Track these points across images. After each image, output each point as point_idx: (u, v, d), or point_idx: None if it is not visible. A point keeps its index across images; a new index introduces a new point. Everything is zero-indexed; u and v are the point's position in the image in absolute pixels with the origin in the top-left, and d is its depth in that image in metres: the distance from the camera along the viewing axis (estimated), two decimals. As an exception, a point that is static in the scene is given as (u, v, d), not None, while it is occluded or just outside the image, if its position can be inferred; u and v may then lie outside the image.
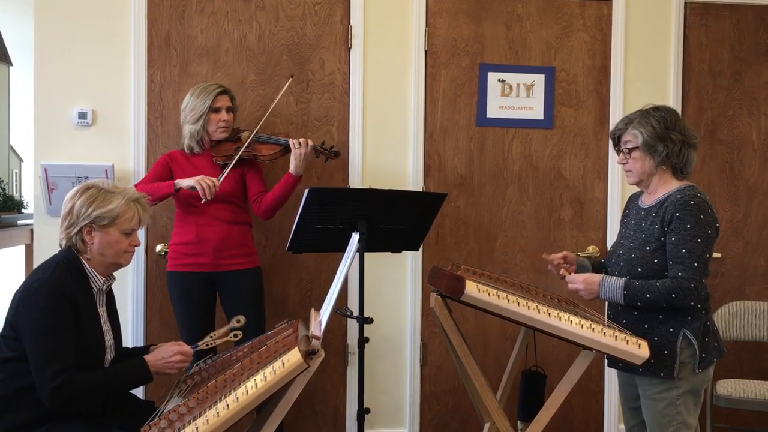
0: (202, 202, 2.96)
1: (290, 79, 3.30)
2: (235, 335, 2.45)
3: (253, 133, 3.16)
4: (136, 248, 2.41)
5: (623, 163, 2.56)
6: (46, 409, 2.15)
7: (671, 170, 2.50)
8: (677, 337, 2.40)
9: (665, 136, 2.45)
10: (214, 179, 2.96)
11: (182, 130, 3.19)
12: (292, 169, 3.10)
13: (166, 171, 3.16)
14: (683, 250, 2.35)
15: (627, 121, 2.53)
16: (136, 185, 3.10)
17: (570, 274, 2.57)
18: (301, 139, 3.10)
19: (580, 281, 2.49)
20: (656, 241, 2.43)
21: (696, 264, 2.35)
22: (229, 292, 3.13)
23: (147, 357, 2.30)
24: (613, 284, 2.43)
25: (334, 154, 3.22)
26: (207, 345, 2.42)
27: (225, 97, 3.16)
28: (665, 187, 2.50)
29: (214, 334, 2.43)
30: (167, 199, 3.16)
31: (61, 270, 2.24)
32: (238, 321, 2.45)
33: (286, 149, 3.13)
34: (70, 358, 2.15)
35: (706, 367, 2.44)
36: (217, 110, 3.12)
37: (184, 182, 2.98)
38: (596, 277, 2.48)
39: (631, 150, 2.51)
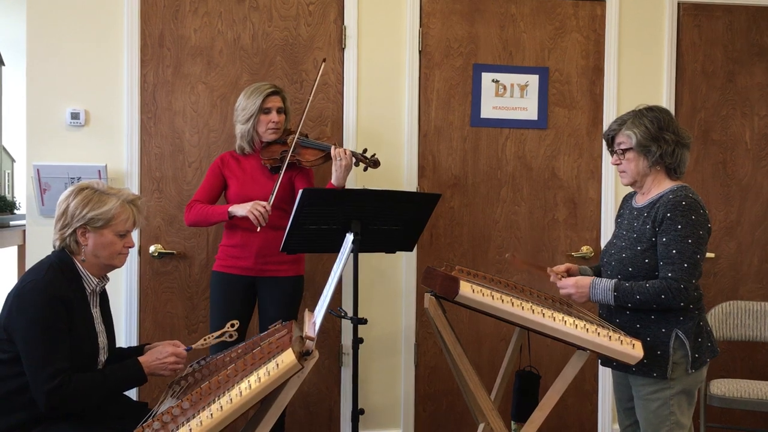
0: (258, 230, 2.94)
1: (323, 63, 3.22)
2: (230, 336, 2.45)
3: (296, 135, 3.09)
4: (130, 250, 2.41)
5: (617, 164, 2.56)
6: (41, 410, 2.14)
7: (665, 170, 2.51)
8: (670, 337, 2.40)
9: (659, 136, 2.45)
10: (265, 204, 2.94)
11: (234, 130, 3.17)
12: (333, 179, 3.06)
13: (219, 179, 3.15)
14: (673, 251, 2.36)
15: (620, 122, 2.53)
16: (192, 201, 3.10)
17: (550, 278, 2.58)
18: (341, 150, 3.03)
19: (570, 285, 2.50)
20: (647, 242, 2.43)
21: (686, 265, 2.35)
22: (267, 298, 3.11)
23: (141, 358, 2.30)
24: (604, 286, 2.43)
25: (373, 162, 3.13)
26: (201, 346, 2.41)
27: (276, 97, 3.12)
28: (659, 187, 2.51)
29: (209, 337, 2.42)
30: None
31: (54, 271, 2.23)
32: (232, 325, 2.45)
33: (329, 156, 3.09)
34: (65, 360, 2.14)
35: (699, 367, 2.44)
36: (267, 111, 3.09)
37: (238, 211, 2.96)
38: (587, 280, 2.49)
39: (624, 151, 2.51)
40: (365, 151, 3.17)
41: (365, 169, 3.18)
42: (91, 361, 2.28)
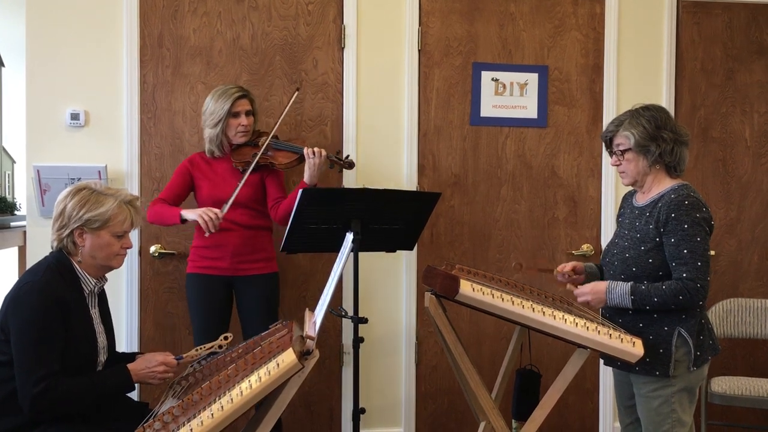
0: (206, 235, 2.94)
1: (296, 92, 3.25)
2: (220, 346, 2.45)
3: (269, 137, 3.11)
4: (128, 250, 2.40)
5: (616, 165, 2.56)
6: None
7: (665, 169, 2.50)
8: (672, 335, 2.40)
9: (657, 135, 2.45)
10: (217, 211, 2.93)
11: (202, 134, 3.18)
12: (306, 178, 3.08)
13: (186, 179, 3.15)
14: (685, 251, 2.35)
15: (617, 123, 2.53)
16: (155, 200, 3.11)
17: (577, 287, 2.56)
18: (315, 149, 3.06)
19: (588, 292, 2.48)
20: (651, 241, 2.43)
21: (699, 263, 2.35)
22: (245, 297, 3.13)
23: (130, 365, 2.28)
24: (620, 290, 2.42)
25: (347, 164, 3.18)
26: (192, 358, 2.41)
27: (245, 100, 3.12)
28: (659, 186, 2.50)
29: (201, 348, 2.42)
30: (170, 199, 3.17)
31: (52, 272, 2.23)
32: (226, 338, 2.45)
33: (303, 158, 3.10)
34: (54, 364, 2.13)
35: (701, 365, 2.44)
36: (236, 114, 3.09)
37: (189, 215, 2.96)
38: (602, 285, 2.47)
39: (623, 152, 2.51)
40: (339, 152, 3.21)
41: (340, 171, 3.23)
42: (90, 362, 2.28)
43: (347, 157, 3.21)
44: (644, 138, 2.45)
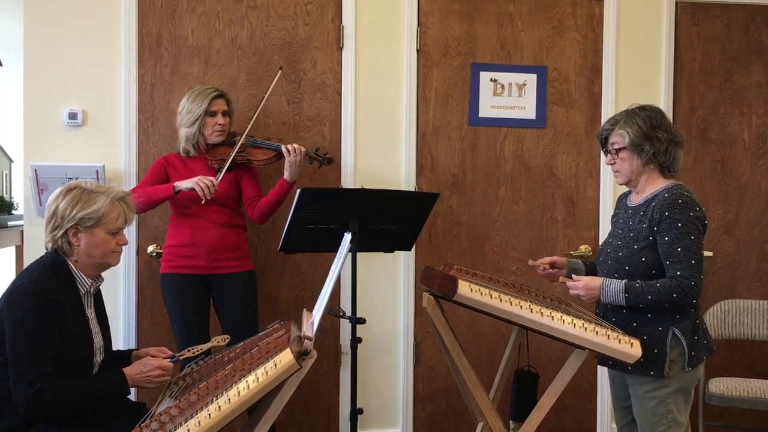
0: (202, 202, 2.95)
1: (279, 71, 3.28)
2: (224, 339, 2.45)
3: (244, 135, 3.14)
4: (125, 248, 2.39)
5: (611, 164, 2.57)
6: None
7: (659, 169, 2.51)
8: (666, 335, 2.40)
9: (651, 135, 2.46)
10: (212, 179, 2.96)
11: (178, 133, 3.18)
12: (286, 175, 3.10)
13: (162, 175, 3.15)
14: (678, 249, 2.36)
15: (613, 122, 2.54)
16: (133, 190, 3.09)
17: (559, 278, 2.58)
18: (294, 146, 3.09)
19: (580, 286, 2.49)
20: (644, 240, 2.43)
21: (693, 261, 2.35)
22: (223, 295, 3.12)
23: (126, 369, 2.27)
24: (614, 288, 2.43)
25: (327, 160, 3.22)
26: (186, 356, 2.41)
27: (221, 100, 3.14)
28: (653, 185, 2.51)
29: (194, 348, 2.41)
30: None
31: (47, 273, 2.22)
32: (224, 340, 2.44)
33: (281, 154, 3.13)
34: (49, 366, 2.12)
35: (696, 365, 2.44)
36: (213, 114, 3.11)
37: (183, 184, 2.97)
38: (597, 281, 2.48)
39: (618, 150, 2.52)
40: (318, 149, 3.24)
41: (320, 166, 3.27)
42: (86, 363, 2.28)
43: (326, 154, 3.24)
44: (639, 137, 2.46)
